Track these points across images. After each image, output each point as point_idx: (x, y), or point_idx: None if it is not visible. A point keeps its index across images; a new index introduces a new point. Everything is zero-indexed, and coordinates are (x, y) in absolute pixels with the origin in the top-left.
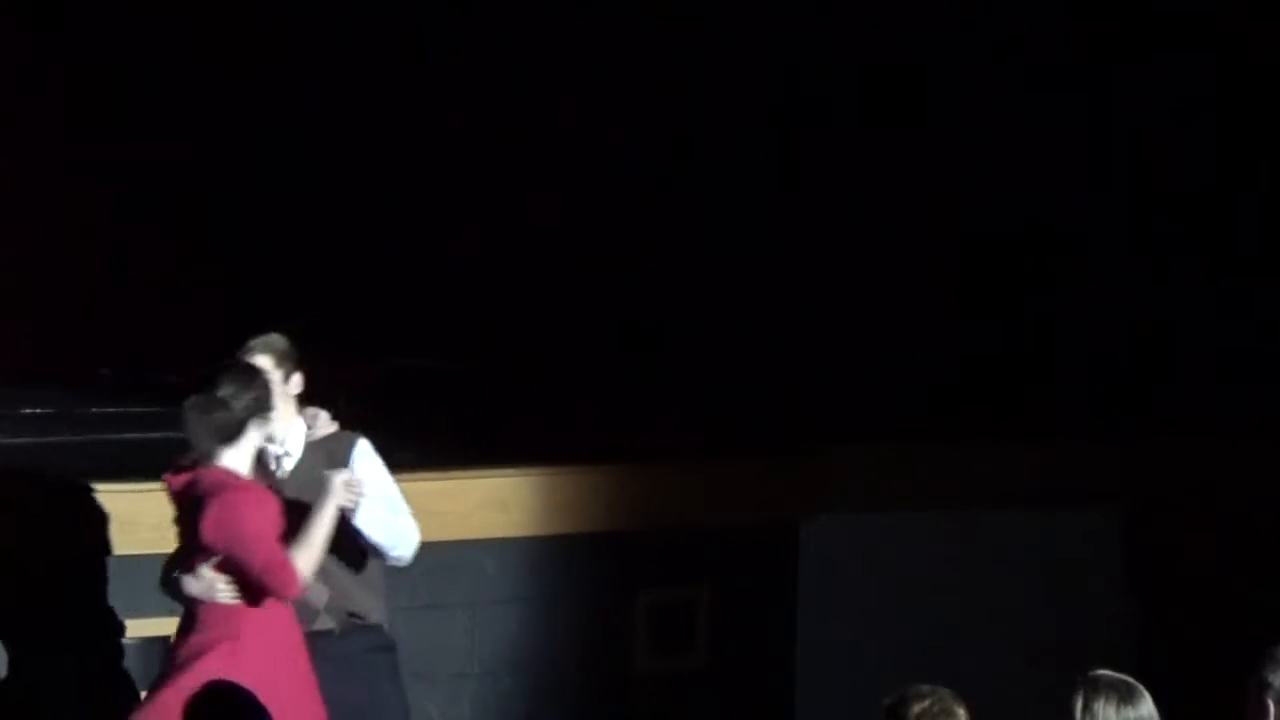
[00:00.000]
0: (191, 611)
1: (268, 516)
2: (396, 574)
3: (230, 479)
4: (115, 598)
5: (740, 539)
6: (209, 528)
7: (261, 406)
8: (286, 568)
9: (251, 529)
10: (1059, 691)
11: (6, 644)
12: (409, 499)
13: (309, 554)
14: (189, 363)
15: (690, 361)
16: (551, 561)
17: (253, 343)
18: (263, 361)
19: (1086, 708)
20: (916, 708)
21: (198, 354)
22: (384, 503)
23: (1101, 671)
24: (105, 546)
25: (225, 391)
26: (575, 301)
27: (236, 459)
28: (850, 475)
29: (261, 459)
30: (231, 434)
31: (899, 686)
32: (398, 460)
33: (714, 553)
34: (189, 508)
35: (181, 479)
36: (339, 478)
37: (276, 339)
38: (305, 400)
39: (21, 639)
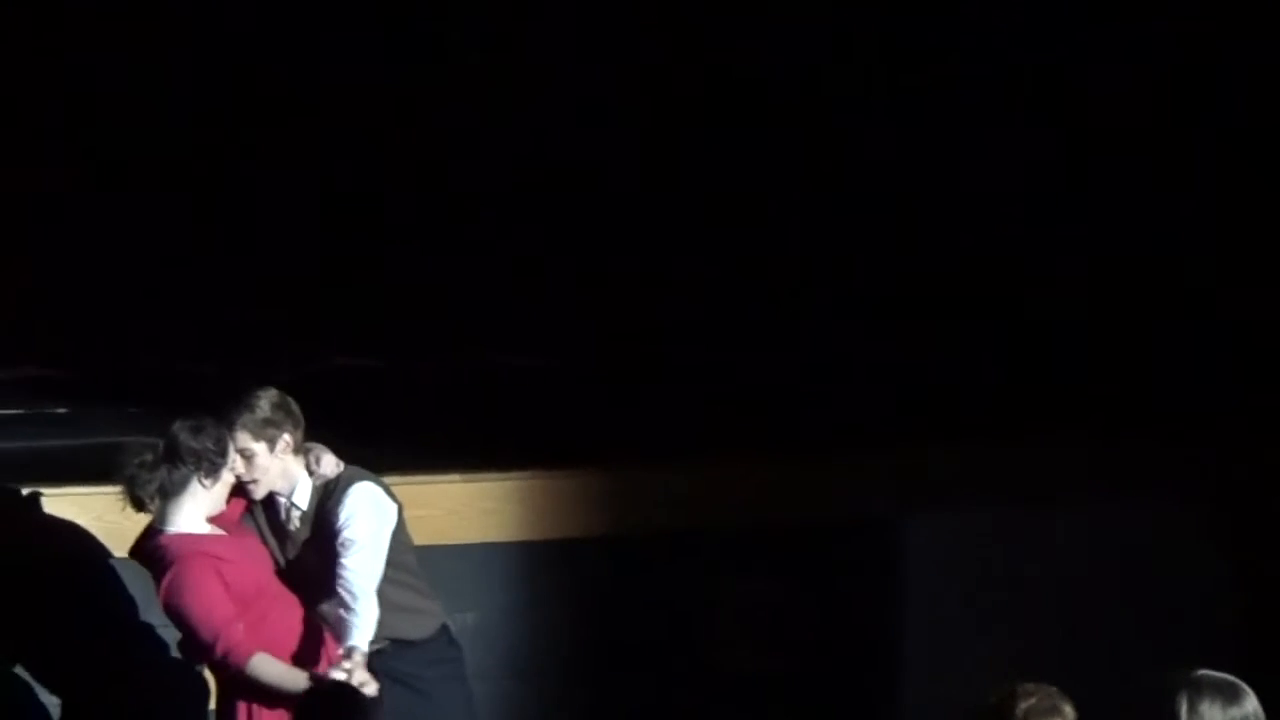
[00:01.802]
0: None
1: (211, 585)
2: (491, 568)
3: (179, 544)
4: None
5: (835, 536)
6: (163, 599)
7: (200, 462)
8: (229, 642)
9: (199, 595)
10: (1159, 690)
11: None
12: (498, 499)
13: (268, 672)
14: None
15: (787, 357)
16: (639, 559)
17: (232, 415)
18: (243, 439)
19: (1192, 708)
20: (1023, 705)
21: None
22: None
23: (1204, 671)
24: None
25: (167, 447)
26: (663, 296)
27: (187, 518)
28: (945, 471)
29: (274, 511)
30: (170, 490)
31: (999, 685)
32: (485, 459)
33: (808, 550)
34: (156, 576)
35: (147, 546)
36: (359, 680)
37: (260, 408)
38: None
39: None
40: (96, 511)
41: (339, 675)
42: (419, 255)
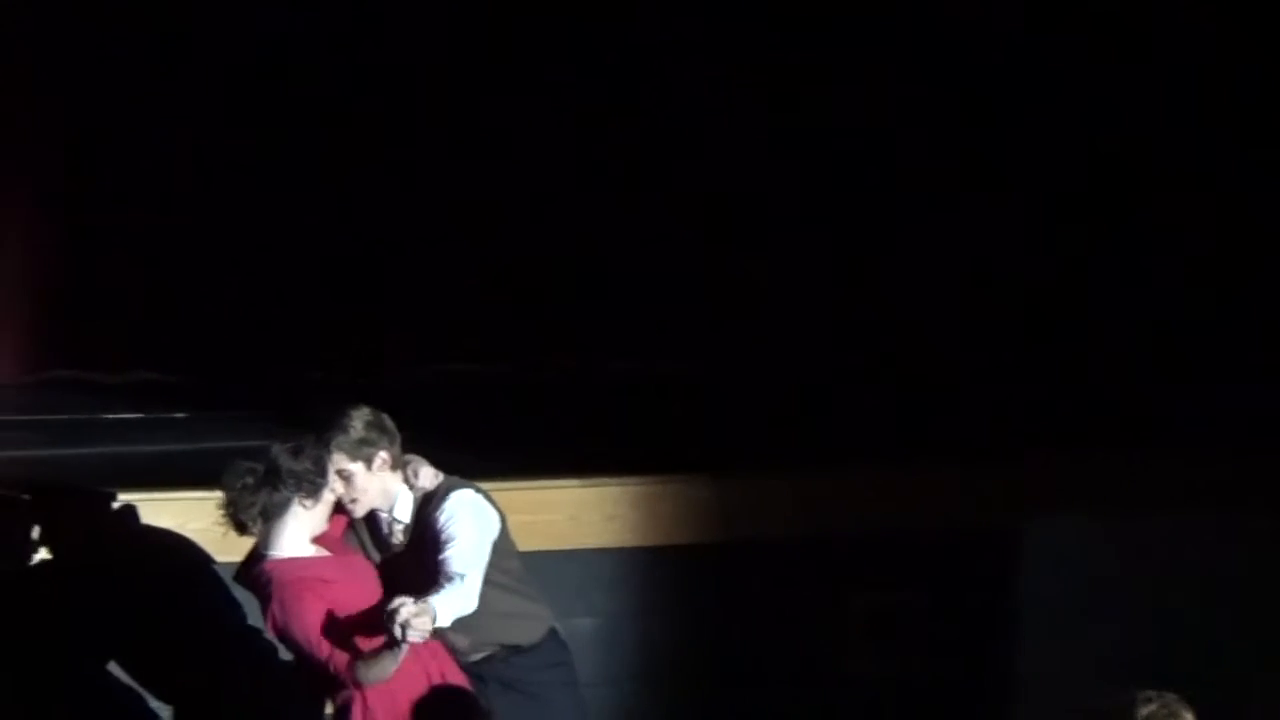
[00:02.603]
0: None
1: (316, 609)
2: (611, 573)
3: (283, 570)
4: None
5: (955, 543)
6: (272, 627)
7: (300, 484)
8: (339, 663)
9: (306, 622)
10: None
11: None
12: (619, 504)
13: (380, 674)
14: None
15: (914, 365)
16: (759, 566)
17: (327, 434)
18: (340, 460)
19: None
20: (1144, 712)
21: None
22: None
23: None
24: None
25: (268, 470)
26: (794, 305)
27: (290, 541)
28: (1066, 478)
29: (377, 527)
30: (272, 513)
31: (1119, 691)
32: (607, 464)
33: (930, 557)
34: (263, 601)
35: (252, 572)
36: (401, 616)
37: (355, 428)
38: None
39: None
40: (211, 516)
41: (393, 605)
42: (545, 260)
